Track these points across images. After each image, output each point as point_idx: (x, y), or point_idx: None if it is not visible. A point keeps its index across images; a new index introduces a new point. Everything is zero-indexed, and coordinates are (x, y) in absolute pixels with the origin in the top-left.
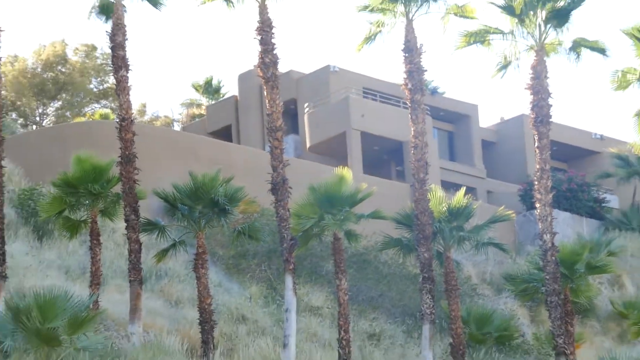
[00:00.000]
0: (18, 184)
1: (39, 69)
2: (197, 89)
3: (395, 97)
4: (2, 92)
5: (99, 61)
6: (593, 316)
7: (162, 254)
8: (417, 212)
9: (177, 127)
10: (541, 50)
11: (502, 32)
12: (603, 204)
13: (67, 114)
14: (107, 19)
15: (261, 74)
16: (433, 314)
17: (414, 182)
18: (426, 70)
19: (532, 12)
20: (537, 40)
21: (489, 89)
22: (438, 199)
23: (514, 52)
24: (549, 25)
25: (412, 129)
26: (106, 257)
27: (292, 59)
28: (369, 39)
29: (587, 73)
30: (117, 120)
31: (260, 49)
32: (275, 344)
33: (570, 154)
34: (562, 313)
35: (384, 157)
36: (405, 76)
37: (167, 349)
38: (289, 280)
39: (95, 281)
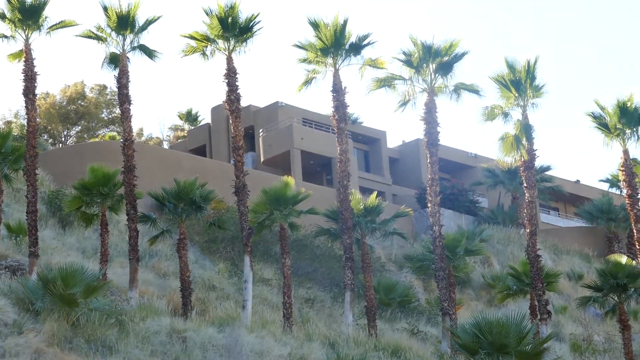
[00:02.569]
0: (48, 187)
1: (65, 103)
2: (181, 117)
3: (326, 125)
4: (37, 119)
5: (108, 97)
6: (469, 286)
7: (154, 239)
8: (341, 209)
9: (165, 145)
10: (432, 92)
11: (403, 79)
12: (476, 204)
13: (85, 136)
14: (115, 67)
15: (228, 107)
16: (353, 284)
17: (339, 187)
18: (349, 106)
19: (425, 65)
20: (429, 85)
21: (394, 119)
22: (357, 200)
23: (412, 93)
24: (437, 74)
25: (338, 148)
26: (112, 241)
27: (250, 95)
28: (307, 82)
29: (466, 108)
30: (122, 140)
31: (227, 89)
32: (236, 306)
33: (452, 168)
34: (447, 284)
35: (317, 169)
36: (333, 110)
37: (157, 309)
38: (247, 259)
39: (104, 259)
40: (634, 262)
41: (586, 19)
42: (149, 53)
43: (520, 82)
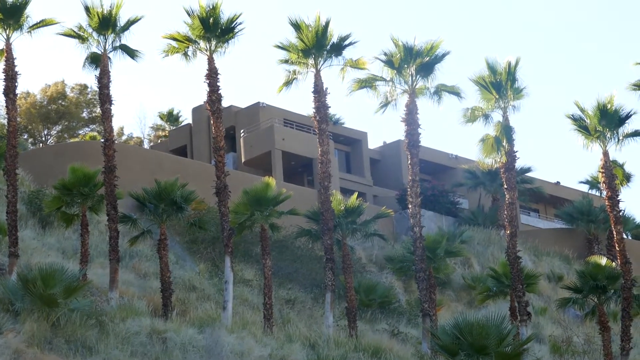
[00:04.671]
0: (28, 187)
1: (45, 102)
2: (162, 117)
3: (307, 126)
4: (18, 119)
5: (89, 96)
6: (450, 287)
7: (134, 240)
8: (322, 210)
9: (146, 145)
10: (413, 93)
11: (384, 80)
12: (457, 206)
13: (65, 135)
14: (96, 67)
15: (209, 108)
16: (333, 285)
17: (320, 188)
18: (330, 107)
19: (406, 66)
20: (410, 86)
21: (375, 120)
22: (338, 201)
23: (393, 94)
24: (418, 75)
25: (319, 149)
26: (92, 242)
27: (231, 96)
28: (288, 83)
29: (447, 109)
30: (102, 140)
31: (208, 90)
32: (217, 307)
33: (433, 169)
34: (427, 285)
35: (298, 170)
36: (314, 111)
37: (137, 310)
38: (227, 260)
39: (84, 259)
40: (613, 263)
41: (570, 21)
42: (131, 53)
43: (501, 84)
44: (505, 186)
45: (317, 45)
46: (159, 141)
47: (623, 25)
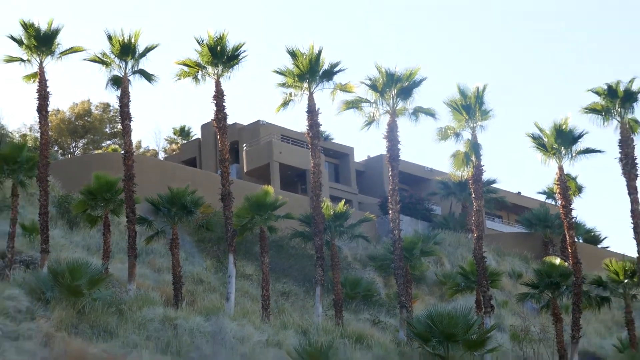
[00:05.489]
0: (58, 192)
1: (73, 118)
2: (175, 133)
3: (301, 141)
4: (49, 133)
5: (111, 114)
6: (424, 283)
7: (150, 239)
8: (314, 215)
9: (161, 156)
10: (394, 114)
11: (369, 101)
12: (431, 212)
13: (90, 147)
14: (117, 88)
15: (216, 125)
16: (323, 280)
17: (312, 195)
18: (321, 125)
19: (388, 89)
20: (391, 107)
21: (361, 136)
22: (327, 207)
23: (376, 114)
24: (398, 98)
25: (312, 162)
26: (113, 240)
27: (235, 114)
28: (285, 104)
29: (423, 127)
30: (123, 152)
31: (215, 109)
32: (221, 298)
33: (411, 180)
34: (404, 280)
35: (294, 179)
36: (308, 128)
37: (152, 299)
38: (231, 257)
39: (106, 255)
40: (566, 263)
41: (534, 49)
42: (148, 77)
43: (470, 107)
44: (473, 195)
45: (310, 71)
46: (172, 153)
47: (581, 53)
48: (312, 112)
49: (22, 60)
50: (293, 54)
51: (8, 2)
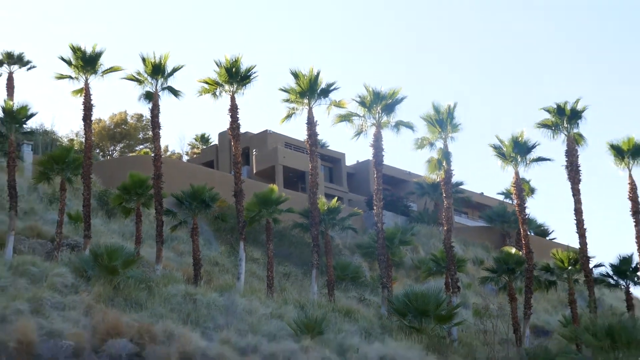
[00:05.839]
0: (98, 188)
1: (112, 126)
2: (196, 139)
3: (302, 148)
4: (92, 138)
5: (144, 123)
6: (402, 267)
7: (174, 228)
8: (311, 209)
9: (184, 159)
10: (379, 126)
11: (358, 115)
12: (409, 208)
13: (126, 150)
14: (149, 101)
15: (230, 133)
16: (318, 264)
17: (310, 193)
18: (318, 134)
19: (375, 105)
20: (377, 121)
21: (351, 144)
22: (322, 203)
23: (364, 126)
24: (383, 113)
25: (310, 165)
26: (144, 228)
27: (247, 124)
28: (288, 116)
29: (403, 138)
30: (153, 155)
31: (230, 120)
32: (233, 278)
33: (392, 181)
34: (386, 265)
35: (295, 180)
36: (307, 137)
37: (175, 278)
38: (241, 244)
39: (138, 241)
40: (520, 252)
41: (500, 68)
42: (175, 92)
43: (443, 121)
44: (444, 195)
45: (310, 89)
46: (194, 156)
47: (536, 75)
48: (311, 124)
49: (70, 77)
50: (295, 75)
51: (59, 28)
